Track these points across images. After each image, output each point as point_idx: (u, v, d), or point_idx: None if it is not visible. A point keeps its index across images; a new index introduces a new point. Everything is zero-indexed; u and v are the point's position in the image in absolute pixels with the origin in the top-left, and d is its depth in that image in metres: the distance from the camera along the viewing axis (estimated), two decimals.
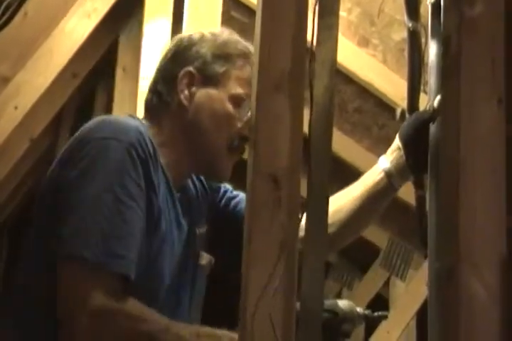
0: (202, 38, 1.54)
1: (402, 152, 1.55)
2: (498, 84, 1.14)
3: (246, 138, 1.48)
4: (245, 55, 1.52)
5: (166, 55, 1.57)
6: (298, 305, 1.21)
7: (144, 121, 1.53)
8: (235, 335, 1.29)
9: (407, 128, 1.54)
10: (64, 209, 1.36)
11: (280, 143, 1.21)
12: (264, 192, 1.20)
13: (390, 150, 1.61)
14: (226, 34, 1.57)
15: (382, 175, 1.59)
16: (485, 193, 1.11)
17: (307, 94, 1.26)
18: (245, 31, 1.57)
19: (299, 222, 1.20)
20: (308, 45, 1.26)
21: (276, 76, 1.23)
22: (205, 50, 1.52)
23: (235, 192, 1.66)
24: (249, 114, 1.47)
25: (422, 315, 3.76)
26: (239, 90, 1.50)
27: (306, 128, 1.26)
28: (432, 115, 1.39)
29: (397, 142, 1.59)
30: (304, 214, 1.24)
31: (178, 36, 1.61)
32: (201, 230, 1.56)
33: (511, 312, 1.08)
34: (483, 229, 1.10)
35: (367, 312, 1.48)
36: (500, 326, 1.08)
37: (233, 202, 1.63)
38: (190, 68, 1.51)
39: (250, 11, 2.90)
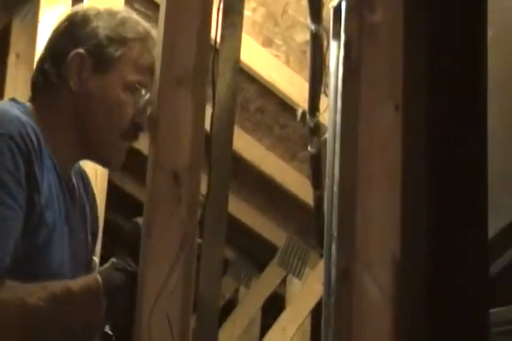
0: (98, 15, 1.45)
1: None
2: (397, 90, 1.17)
3: (139, 125, 1.44)
4: (143, 39, 1.45)
5: (57, 30, 1.47)
6: None
7: (29, 105, 1.45)
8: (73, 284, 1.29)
9: None
10: None
11: (181, 140, 1.21)
12: (165, 188, 1.20)
13: None
14: (124, 13, 1.49)
15: None
16: (381, 194, 1.14)
17: (209, 91, 1.26)
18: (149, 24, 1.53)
19: (198, 218, 1.20)
20: (212, 42, 1.26)
21: (179, 72, 1.22)
22: (99, 30, 1.43)
23: None
24: (144, 100, 1.43)
25: (317, 313, 3.82)
26: (133, 77, 1.42)
27: (207, 125, 1.26)
28: None
29: None
30: None
31: (73, 10, 1.50)
32: (90, 236, 1.52)
33: (403, 312, 1.11)
34: (378, 229, 1.13)
35: None
36: (393, 325, 1.10)
37: None
38: (82, 50, 1.42)
39: (154, 5, 2.87)
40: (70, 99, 1.44)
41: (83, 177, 1.57)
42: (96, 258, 1.54)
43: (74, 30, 1.46)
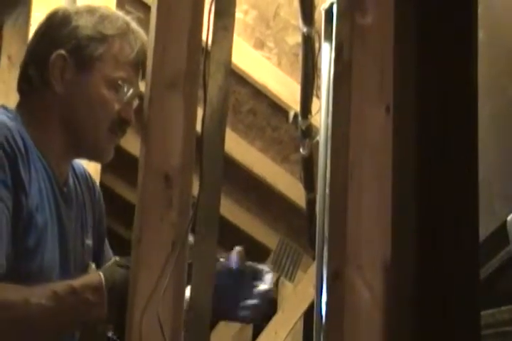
0: (77, 14, 1.45)
1: None
2: (387, 92, 1.17)
3: (126, 119, 1.45)
4: (123, 34, 1.45)
5: (38, 32, 1.48)
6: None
7: (17, 110, 1.46)
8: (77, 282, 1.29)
9: None
10: None
11: (173, 142, 1.21)
12: (156, 190, 1.19)
13: None
14: (103, 9, 1.49)
15: None
16: (371, 197, 1.14)
17: (201, 94, 1.26)
18: (140, 27, 1.53)
19: (190, 221, 1.20)
20: (204, 44, 1.26)
21: (170, 74, 1.22)
22: (79, 30, 1.43)
23: None
24: (129, 95, 1.44)
25: (309, 316, 3.82)
26: (116, 74, 1.43)
27: (199, 128, 1.26)
28: None
29: None
30: None
31: (52, 11, 1.50)
32: (89, 241, 1.51)
33: (394, 314, 1.12)
34: (369, 232, 1.13)
35: None
36: (383, 327, 1.11)
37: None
38: (62, 51, 1.42)
39: (146, 7, 2.87)
40: (55, 101, 1.44)
41: (87, 180, 1.57)
42: (93, 264, 1.53)
43: (54, 31, 1.46)
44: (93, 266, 1.51)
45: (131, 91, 1.45)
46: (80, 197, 1.52)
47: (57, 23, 1.46)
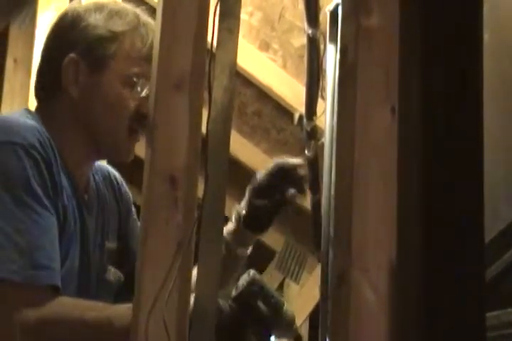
0: (86, 13, 1.44)
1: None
2: (392, 93, 1.17)
3: (145, 115, 1.41)
4: (134, 29, 1.44)
5: (49, 37, 1.48)
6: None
7: (37, 115, 1.45)
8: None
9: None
10: None
11: (178, 143, 1.21)
12: (161, 192, 1.19)
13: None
14: (112, 5, 1.47)
15: None
16: (377, 199, 1.14)
17: (206, 95, 1.26)
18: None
19: (195, 222, 1.20)
20: (209, 46, 1.27)
21: (176, 75, 1.22)
22: (89, 30, 1.42)
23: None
24: (145, 90, 1.43)
25: (314, 318, 3.81)
26: (129, 70, 1.42)
27: (204, 129, 1.26)
28: None
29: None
30: None
31: (61, 13, 1.49)
32: (111, 244, 1.50)
33: (399, 316, 1.11)
34: (375, 234, 1.13)
35: None
36: (389, 329, 1.10)
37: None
38: (74, 54, 1.42)
39: (151, 9, 2.87)
40: (72, 105, 1.44)
41: (112, 182, 1.56)
42: (114, 270, 1.51)
43: (64, 34, 1.46)
44: (112, 269, 1.49)
45: (147, 85, 1.43)
46: (103, 200, 1.52)
47: (67, 25, 1.46)
